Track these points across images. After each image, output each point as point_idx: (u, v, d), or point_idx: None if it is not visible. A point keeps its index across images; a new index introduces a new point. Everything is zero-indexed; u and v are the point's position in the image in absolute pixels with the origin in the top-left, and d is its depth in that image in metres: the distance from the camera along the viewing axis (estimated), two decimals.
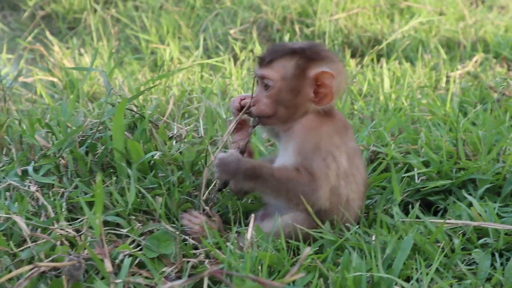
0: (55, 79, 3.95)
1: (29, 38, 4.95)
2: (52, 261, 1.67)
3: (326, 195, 1.93)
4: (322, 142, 1.95)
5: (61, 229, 1.77)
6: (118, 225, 1.93)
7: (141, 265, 1.77)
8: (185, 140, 2.39)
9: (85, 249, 1.69)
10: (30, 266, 1.55)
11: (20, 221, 1.74)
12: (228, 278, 1.65)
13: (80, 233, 1.80)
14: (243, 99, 2.08)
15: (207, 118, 3.19)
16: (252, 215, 1.92)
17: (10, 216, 1.80)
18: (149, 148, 2.19)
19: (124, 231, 1.83)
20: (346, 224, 2.00)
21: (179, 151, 2.28)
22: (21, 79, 3.96)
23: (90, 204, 1.95)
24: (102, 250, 1.47)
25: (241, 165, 1.91)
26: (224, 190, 2.08)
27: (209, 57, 4.60)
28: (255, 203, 2.19)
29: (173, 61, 4.21)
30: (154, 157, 2.13)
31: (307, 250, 1.20)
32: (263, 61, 2.00)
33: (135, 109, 2.32)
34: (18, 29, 6.05)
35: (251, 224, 1.86)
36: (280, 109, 1.99)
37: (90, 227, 1.82)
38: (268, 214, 2.03)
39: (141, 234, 1.89)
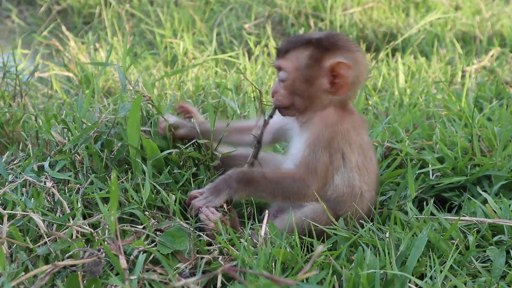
0: (70, 74, 3.97)
1: (45, 33, 4.97)
2: (70, 257, 1.68)
3: (318, 187, 1.96)
4: (336, 138, 1.96)
5: (77, 226, 1.78)
6: (133, 221, 1.95)
7: (156, 261, 1.78)
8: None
9: (100, 245, 1.71)
10: (48, 266, 1.57)
11: (37, 219, 1.76)
12: (241, 275, 1.66)
13: (96, 229, 1.82)
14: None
15: (222, 114, 3.21)
16: (266, 211, 1.93)
17: (27, 213, 1.82)
18: (163, 144, 2.19)
19: (139, 227, 1.84)
20: (360, 220, 2.00)
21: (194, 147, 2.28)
22: (37, 74, 3.97)
23: (106, 200, 1.97)
24: (117, 247, 1.48)
25: (231, 175, 1.94)
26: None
27: (223, 52, 4.60)
28: None
29: (188, 55, 4.21)
30: (170, 155, 2.13)
31: (320, 248, 1.20)
32: (280, 52, 2.03)
33: (150, 105, 2.33)
34: (34, 24, 6.08)
35: (265, 221, 1.87)
36: (297, 99, 2.01)
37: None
38: (282, 210, 2.04)
39: (156, 230, 1.90)
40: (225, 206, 1.97)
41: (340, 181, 1.98)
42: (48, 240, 1.75)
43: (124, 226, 1.87)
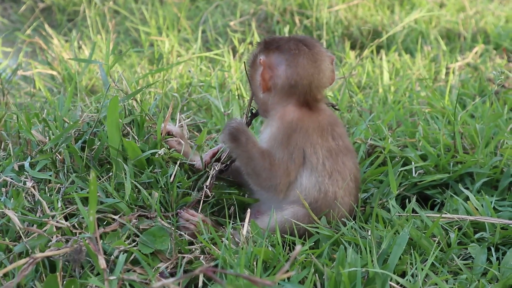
0: (54, 73, 3.94)
1: (28, 31, 4.93)
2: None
3: (283, 187, 1.97)
4: (295, 136, 1.96)
5: (57, 223, 1.77)
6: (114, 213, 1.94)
7: (137, 261, 1.77)
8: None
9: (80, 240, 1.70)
10: (26, 259, 1.56)
11: (13, 215, 1.75)
12: (222, 275, 1.65)
13: (77, 229, 1.80)
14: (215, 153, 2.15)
15: (206, 112, 3.20)
16: (249, 210, 1.92)
17: (2, 210, 1.80)
18: (144, 146, 2.18)
19: (116, 217, 1.83)
20: (342, 219, 2.00)
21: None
22: (20, 72, 3.94)
23: (87, 199, 1.95)
24: (97, 247, 1.47)
25: (231, 123, 1.99)
26: (224, 172, 2.10)
27: (208, 49, 4.59)
28: (250, 198, 2.19)
29: (172, 53, 4.19)
30: (151, 156, 2.12)
31: (298, 248, 1.20)
32: None
33: (135, 104, 2.31)
34: (19, 21, 6.03)
35: (246, 220, 1.86)
36: (256, 99, 2.10)
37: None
38: (262, 212, 2.04)
39: (137, 229, 1.89)
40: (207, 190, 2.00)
41: (309, 184, 1.96)
42: (27, 239, 1.73)
43: (106, 218, 1.86)
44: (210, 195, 2.00)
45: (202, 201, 1.98)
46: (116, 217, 1.85)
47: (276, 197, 1.99)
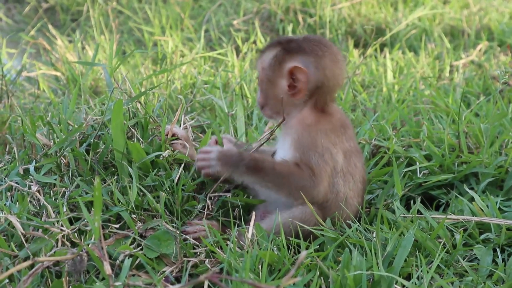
0: (58, 74, 3.95)
1: (32, 32, 4.94)
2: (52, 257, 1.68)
3: (326, 190, 1.95)
4: (319, 138, 1.95)
5: (61, 229, 1.77)
6: (119, 221, 1.94)
7: (142, 265, 1.77)
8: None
9: (84, 248, 1.70)
10: (29, 262, 1.56)
11: (15, 220, 1.75)
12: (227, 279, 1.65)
13: (81, 233, 1.81)
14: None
15: (210, 112, 3.20)
16: (253, 213, 1.92)
17: (5, 216, 1.81)
18: (148, 148, 2.18)
19: (124, 232, 1.83)
20: (347, 221, 2.00)
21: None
22: (24, 73, 3.95)
23: (92, 203, 1.96)
24: (102, 253, 1.47)
25: (244, 157, 1.93)
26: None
27: (212, 49, 4.59)
28: (255, 199, 2.19)
29: (176, 53, 4.19)
30: (156, 158, 2.12)
31: (303, 254, 1.20)
32: (259, 52, 2.09)
33: (139, 106, 2.32)
34: (22, 21, 6.05)
35: (251, 223, 1.86)
36: (269, 100, 2.04)
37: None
38: (269, 212, 2.03)
39: (142, 235, 1.89)
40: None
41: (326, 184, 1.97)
42: (31, 243, 1.74)
43: (110, 228, 1.86)
44: (211, 208, 1.99)
45: (206, 209, 1.99)
46: (119, 230, 1.84)
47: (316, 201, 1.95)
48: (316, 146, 1.94)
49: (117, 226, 1.88)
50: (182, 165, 2.12)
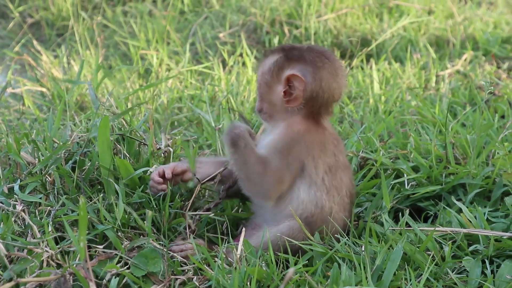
0: (43, 89, 3.92)
1: (17, 48, 4.91)
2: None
3: (274, 194, 1.96)
4: (298, 147, 1.95)
5: (46, 250, 1.75)
6: (106, 239, 1.92)
7: (129, 284, 1.75)
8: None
9: (70, 269, 1.68)
10: (13, 283, 1.54)
11: None
12: None
13: (67, 253, 1.79)
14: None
15: (197, 126, 3.19)
16: (243, 229, 1.92)
17: None
18: (136, 164, 2.17)
19: (111, 251, 1.81)
20: (335, 235, 1.99)
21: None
22: (9, 90, 3.92)
23: (78, 222, 1.93)
24: (87, 274, 1.45)
25: (233, 129, 1.95)
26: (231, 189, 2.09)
27: (198, 62, 4.58)
28: (243, 213, 2.18)
29: (162, 67, 4.18)
30: (144, 174, 2.10)
31: (292, 269, 1.18)
32: (261, 57, 2.11)
33: (123, 122, 2.30)
34: (7, 37, 6.01)
35: (241, 239, 1.85)
36: (264, 104, 2.05)
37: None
38: (260, 226, 2.02)
39: (130, 251, 1.88)
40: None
41: (306, 197, 1.96)
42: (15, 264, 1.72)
43: (95, 249, 1.84)
44: (193, 228, 1.98)
45: (188, 228, 1.98)
46: (105, 249, 1.82)
47: (267, 205, 1.99)
48: (288, 153, 1.95)
49: (102, 246, 1.86)
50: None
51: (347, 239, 1.94)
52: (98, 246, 1.85)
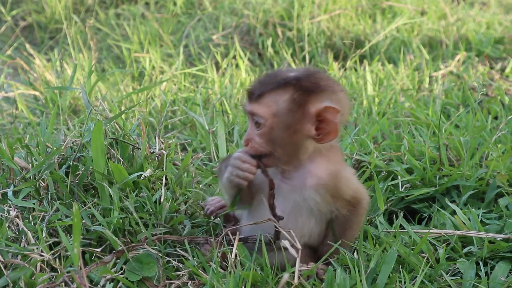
0: (37, 93, 3.91)
1: (9, 52, 4.90)
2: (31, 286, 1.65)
3: None
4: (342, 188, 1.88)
5: (41, 255, 1.74)
6: (100, 242, 1.91)
7: None
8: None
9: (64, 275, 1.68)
10: None
11: None
12: None
13: (61, 259, 1.78)
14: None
15: (190, 129, 3.18)
16: (237, 233, 1.91)
17: None
18: (130, 168, 2.16)
19: (107, 257, 1.81)
20: None
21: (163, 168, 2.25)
22: (2, 94, 3.92)
23: (72, 227, 1.93)
24: (82, 280, 1.45)
25: (226, 162, 1.88)
26: None
27: (191, 64, 4.58)
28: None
29: (155, 70, 4.18)
30: (138, 178, 2.10)
31: (286, 276, 1.18)
32: (253, 95, 1.80)
33: (117, 126, 2.30)
34: (0, 41, 5.99)
35: (235, 244, 1.85)
36: (278, 148, 1.79)
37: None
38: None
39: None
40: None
41: None
42: (10, 271, 1.71)
43: (91, 252, 1.84)
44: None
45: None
46: (100, 252, 1.82)
47: None
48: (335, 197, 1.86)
49: (98, 250, 1.86)
50: (164, 184, 2.11)
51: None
52: (95, 250, 1.84)
